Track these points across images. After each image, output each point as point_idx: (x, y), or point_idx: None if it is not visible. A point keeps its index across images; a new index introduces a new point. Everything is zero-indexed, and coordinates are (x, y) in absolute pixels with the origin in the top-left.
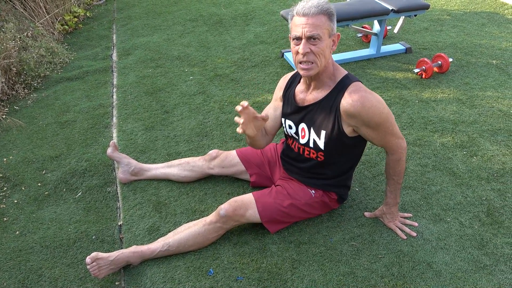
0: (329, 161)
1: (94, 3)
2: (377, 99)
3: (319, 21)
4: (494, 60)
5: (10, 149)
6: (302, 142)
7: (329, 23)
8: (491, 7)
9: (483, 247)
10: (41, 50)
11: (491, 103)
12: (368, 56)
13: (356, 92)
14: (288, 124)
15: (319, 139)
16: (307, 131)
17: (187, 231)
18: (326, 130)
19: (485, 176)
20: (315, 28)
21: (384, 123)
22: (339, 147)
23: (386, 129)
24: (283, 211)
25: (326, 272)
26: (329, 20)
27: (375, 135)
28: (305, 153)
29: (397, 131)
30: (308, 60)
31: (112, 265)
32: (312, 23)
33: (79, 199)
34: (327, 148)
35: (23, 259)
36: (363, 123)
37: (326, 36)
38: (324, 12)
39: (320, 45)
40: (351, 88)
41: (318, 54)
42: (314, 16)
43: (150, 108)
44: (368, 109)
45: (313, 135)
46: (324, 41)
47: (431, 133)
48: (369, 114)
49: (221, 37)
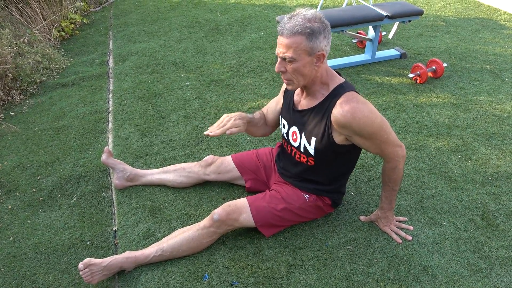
0: (320, 166)
1: (91, 9)
2: (369, 109)
3: (295, 43)
4: (488, 65)
5: (5, 155)
6: (294, 145)
7: (306, 43)
8: (485, 13)
9: (478, 251)
10: (37, 56)
11: (485, 107)
12: (363, 62)
13: (347, 102)
14: (282, 122)
15: (309, 145)
16: (298, 135)
17: (181, 236)
18: (316, 138)
19: (480, 179)
20: (288, 49)
21: (377, 132)
22: (329, 154)
23: (380, 138)
24: (277, 215)
25: (322, 276)
26: (307, 39)
27: (370, 144)
28: (296, 156)
29: (393, 139)
30: (284, 78)
31: (105, 271)
32: (286, 44)
33: (74, 204)
34: (317, 155)
35: (16, 265)
36: (355, 133)
37: (304, 56)
38: (301, 33)
39: (294, 65)
40: (343, 98)
41: (293, 74)
42: (289, 37)
43: (146, 113)
44: (359, 120)
45: (304, 140)
46: (301, 61)
47: (426, 138)
48: (360, 124)
49: (217, 43)
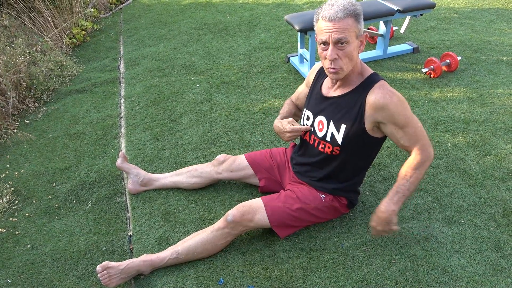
0: (344, 156)
1: (101, 15)
2: (403, 98)
3: (346, 25)
4: (505, 56)
5: (21, 163)
6: (320, 135)
7: (356, 25)
8: (499, 3)
9: (500, 249)
10: (50, 64)
11: (503, 100)
12: (375, 58)
13: (384, 87)
14: (306, 115)
15: (338, 133)
16: (325, 124)
17: (196, 238)
18: (347, 124)
19: (499, 175)
20: (342, 32)
21: (411, 121)
22: (356, 144)
23: (414, 127)
24: (293, 214)
25: (339, 279)
26: (356, 21)
27: (402, 134)
28: (320, 147)
29: (425, 135)
30: (335, 66)
31: (123, 274)
32: (338, 27)
33: (89, 210)
34: (344, 143)
35: (34, 272)
36: (390, 118)
37: (354, 38)
38: (350, 14)
39: (347, 49)
40: (380, 83)
41: (345, 59)
42: (341, 20)
43: (158, 117)
44: (396, 103)
45: (332, 128)
46: (352, 44)
47: (442, 134)
48: (397, 108)
49: (226, 44)
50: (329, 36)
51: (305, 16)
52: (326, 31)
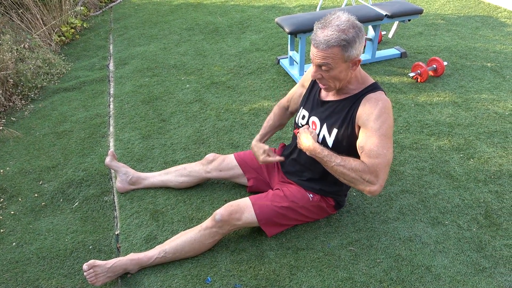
0: None
1: (91, 14)
2: (390, 109)
3: (330, 53)
4: (489, 63)
5: (7, 160)
6: None
7: (343, 53)
8: (485, 10)
9: (481, 250)
10: (38, 61)
11: (486, 105)
12: (363, 62)
13: (380, 95)
14: (302, 114)
15: (329, 136)
16: (318, 126)
17: (183, 237)
18: (338, 129)
19: (482, 178)
20: (325, 59)
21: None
22: (346, 149)
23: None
24: (280, 212)
25: (325, 278)
26: (343, 50)
27: (366, 132)
28: None
29: (389, 158)
30: (321, 83)
31: (110, 272)
32: (321, 55)
33: (76, 209)
34: (334, 146)
35: (20, 271)
36: (368, 116)
37: (340, 63)
38: (336, 46)
39: (331, 73)
40: (377, 93)
41: (330, 79)
42: (325, 50)
43: (147, 116)
44: (381, 106)
45: (324, 131)
46: (337, 68)
47: (428, 137)
48: (379, 109)
49: (217, 45)
50: (313, 60)
51: (295, 18)
52: (312, 52)
